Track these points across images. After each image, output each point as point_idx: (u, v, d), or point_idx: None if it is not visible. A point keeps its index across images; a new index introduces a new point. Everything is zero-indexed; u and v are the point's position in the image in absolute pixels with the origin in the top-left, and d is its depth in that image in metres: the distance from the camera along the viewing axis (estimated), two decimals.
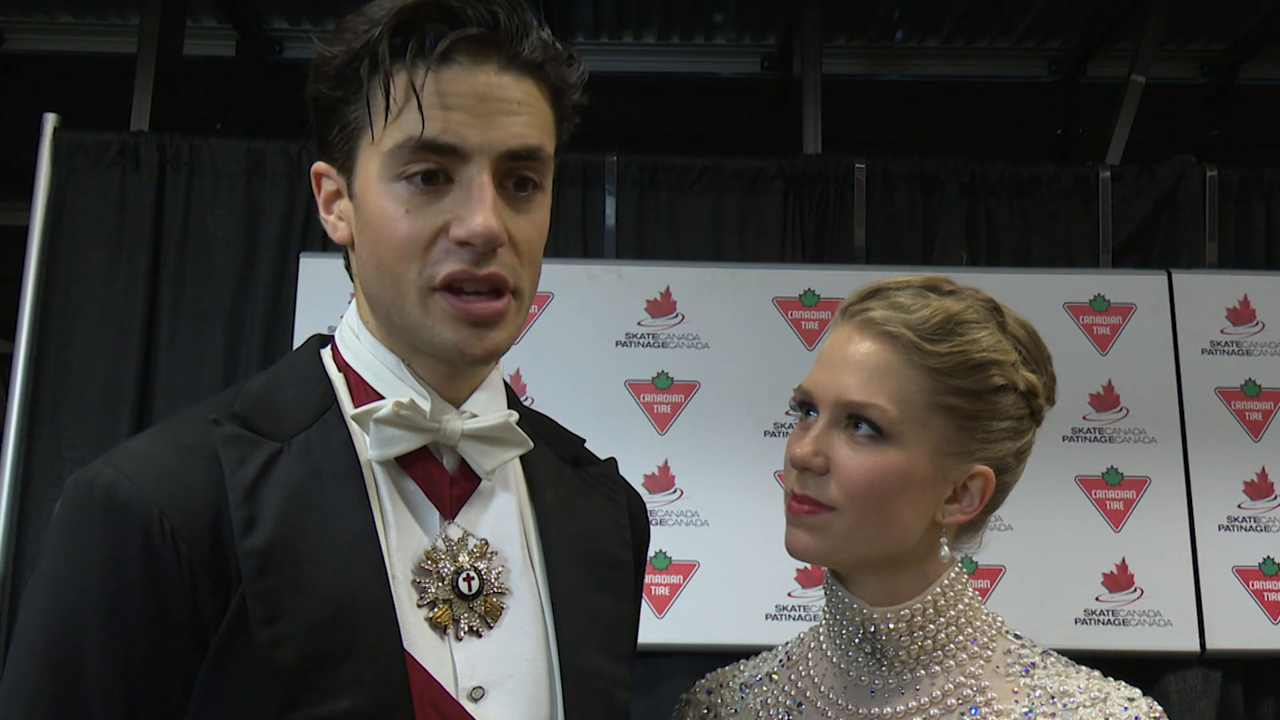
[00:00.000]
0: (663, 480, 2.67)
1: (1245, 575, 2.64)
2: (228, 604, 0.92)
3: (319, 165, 1.04)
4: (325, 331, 1.10)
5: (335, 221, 1.04)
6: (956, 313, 1.11)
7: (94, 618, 0.91)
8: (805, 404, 1.15)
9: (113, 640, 0.91)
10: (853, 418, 1.10)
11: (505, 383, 1.11)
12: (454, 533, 1.02)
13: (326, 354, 1.07)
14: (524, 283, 1.00)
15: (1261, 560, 2.65)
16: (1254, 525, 2.67)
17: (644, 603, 2.53)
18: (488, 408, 1.04)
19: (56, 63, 3.47)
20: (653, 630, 2.55)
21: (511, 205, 0.98)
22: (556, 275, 2.73)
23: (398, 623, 0.94)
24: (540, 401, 2.65)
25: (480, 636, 1.00)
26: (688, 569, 2.62)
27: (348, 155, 1.00)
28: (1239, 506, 2.68)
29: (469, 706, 0.97)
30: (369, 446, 1.00)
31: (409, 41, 0.94)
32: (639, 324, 2.75)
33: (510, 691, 1.00)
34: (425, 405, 1.00)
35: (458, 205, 0.95)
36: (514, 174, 0.98)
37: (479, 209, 0.94)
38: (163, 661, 0.92)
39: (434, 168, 0.95)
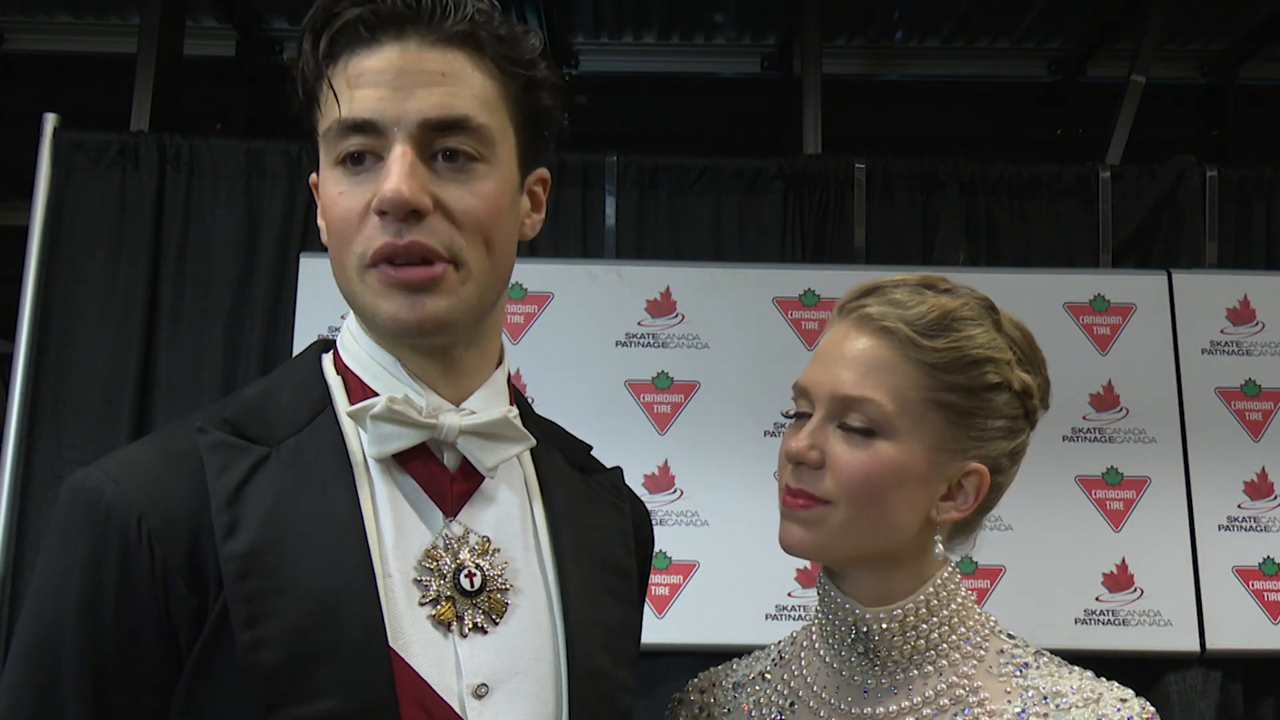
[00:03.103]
0: (663, 480, 2.67)
1: (1245, 575, 2.64)
2: (205, 609, 0.92)
3: (313, 175, 1.06)
4: (325, 332, 1.11)
5: (322, 225, 1.05)
6: (953, 309, 1.11)
7: (72, 616, 0.93)
8: (801, 400, 1.15)
9: (87, 639, 0.92)
10: (849, 412, 1.10)
11: (513, 386, 1.11)
12: (455, 530, 1.02)
13: (327, 358, 1.07)
14: (466, 254, 0.98)
15: (1261, 560, 2.65)
16: (1254, 525, 2.67)
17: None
18: (488, 405, 1.04)
19: (56, 63, 3.47)
20: (653, 630, 2.53)
21: (445, 175, 0.97)
22: (556, 275, 2.73)
23: (384, 622, 0.94)
24: (540, 401, 2.65)
25: (486, 633, 1.00)
26: (688, 569, 2.62)
27: (317, 155, 1.02)
28: (1239, 506, 2.68)
29: (472, 704, 0.97)
30: (367, 444, 1.00)
31: (330, 32, 0.96)
32: (639, 324, 2.75)
33: (515, 689, 0.99)
34: (420, 401, 1.00)
35: (379, 178, 0.96)
36: (443, 146, 0.97)
37: (392, 174, 0.94)
38: (133, 662, 0.92)
39: (360, 148, 0.96)
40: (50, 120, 2.77)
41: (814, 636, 1.20)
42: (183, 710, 0.93)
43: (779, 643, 1.26)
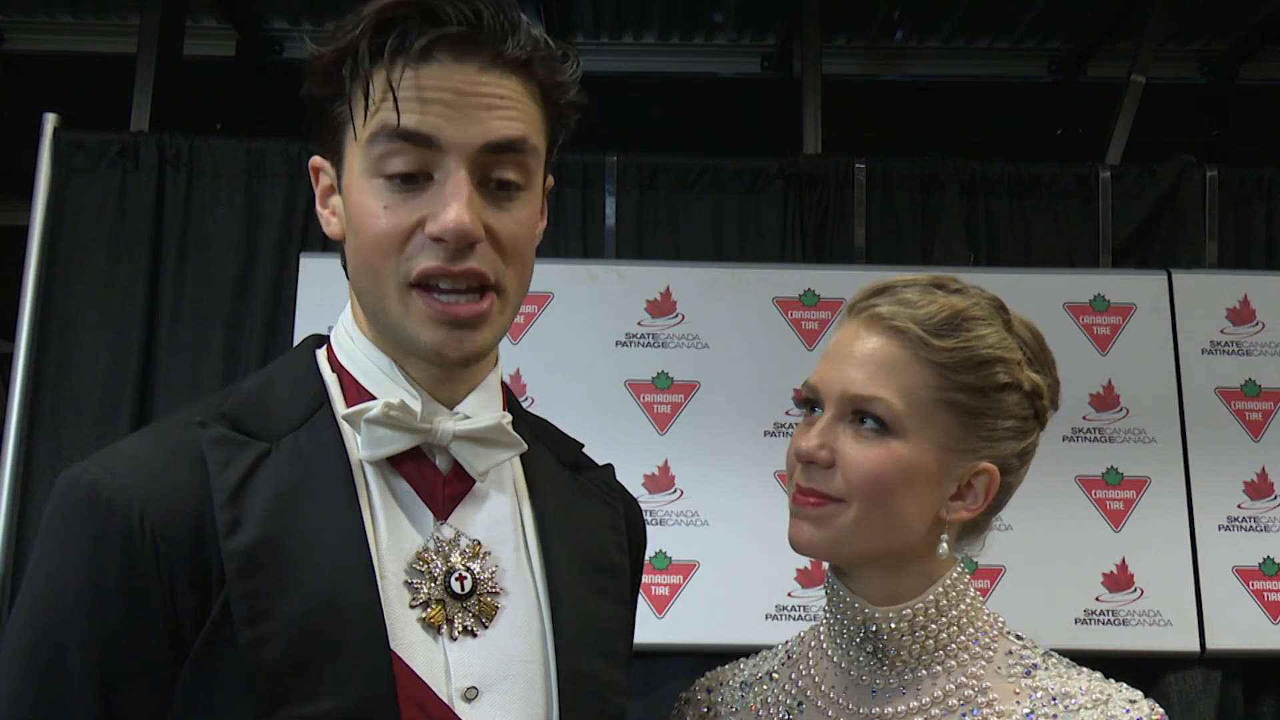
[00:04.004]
0: (663, 480, 2.67)
1: (1245, 575, 2.64)
2: (209, 605, 0.92)
3: (315, 159, 1.05)
4: (325, 332, 1.10)
5: (329, 216, 1.05)
6: (963, 309, 1.11)
7: (74, 615, 0.92)
8: (810, 400, 1.15)
9: (91, 637, 0.91)
10: (858, 412, 1.10)
11: (505, 384, 1.11)
12: (446, 533, 1.01)
13: (321, 354, 1.07)
14: (508, 280, 0.99)
15: (1261, 560, 2.65)
16: (1254, 525, 2.67)
17: (644, 603, 2.55)
18: (482, 409, 1.04)
19: (56, 63, 3.47)
20: (653, 630, 2.55)
21: (493, 202, 0.97)
22: (556, 275, 2.73)
23: (384, 622, 0.94)
24: (540, 401, 2.65)
25: (475, 636, 0.99)
26: (688, 569, 2.62)
27: (337, 151, 1.01)
28: (1239, 506, 2.68)
29: (461, 707, 0.97)
30: (360, 447, 0.99)
31: (388, 40, 0.95)
32: (639, 324, 2.75)
33: (505, 692, 0.99)
34: (416, 406, 1.00)
35: (434, 201, 0.95)
36: (496, 172, 0.97)
37: (453, 204, 0.94)
38: (140, 660, 0.92)
39: (413, 168, 0.95)
40: (50, 120, 2.77)
41: (822, 636, 1.20)
42: (183, 708, 0.92)
43: (787, 642, 1.26)
